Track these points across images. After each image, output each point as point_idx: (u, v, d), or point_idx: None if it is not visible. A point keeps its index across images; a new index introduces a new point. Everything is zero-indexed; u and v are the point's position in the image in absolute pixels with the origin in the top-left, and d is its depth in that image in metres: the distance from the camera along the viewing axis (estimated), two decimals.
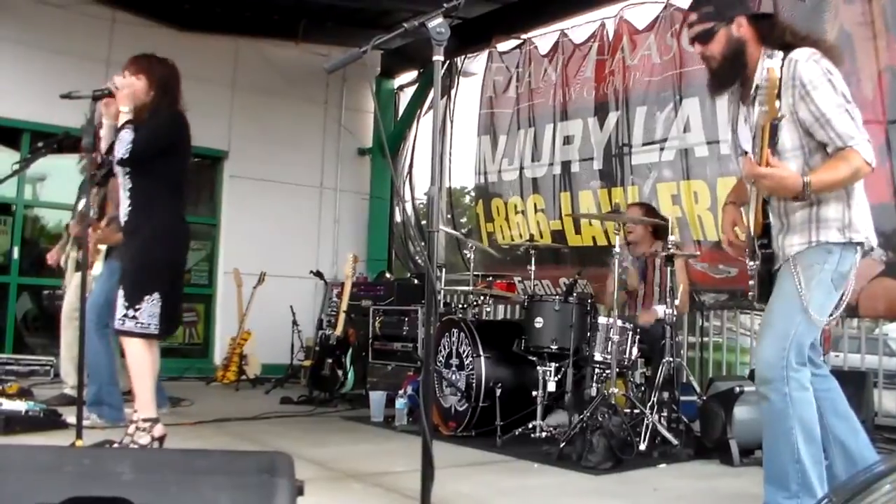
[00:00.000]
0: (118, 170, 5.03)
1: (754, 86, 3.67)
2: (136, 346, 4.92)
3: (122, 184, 5.03)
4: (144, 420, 4.94)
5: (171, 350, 10.75)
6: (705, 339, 8.05)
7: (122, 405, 6.05)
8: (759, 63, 3.64)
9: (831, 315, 3.62)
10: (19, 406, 5.74)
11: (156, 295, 4.91)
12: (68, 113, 5.36)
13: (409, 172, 11.84)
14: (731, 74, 3.75)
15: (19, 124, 9.60)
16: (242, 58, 11.17)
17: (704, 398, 5.94)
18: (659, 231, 6.74)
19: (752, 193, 3.78)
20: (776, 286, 3.69)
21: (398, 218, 12.16)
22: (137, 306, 4.87)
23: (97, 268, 6.36)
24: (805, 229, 3.60)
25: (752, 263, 3.82)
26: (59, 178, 10.11)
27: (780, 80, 3.37)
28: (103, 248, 6.38)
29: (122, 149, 4.88)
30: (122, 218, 5.05)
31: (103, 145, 5.14)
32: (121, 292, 4.94)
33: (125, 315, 4.88)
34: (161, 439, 5.00)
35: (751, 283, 3.86)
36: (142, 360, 4.96)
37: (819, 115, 3.46)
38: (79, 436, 4.50)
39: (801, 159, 3.58)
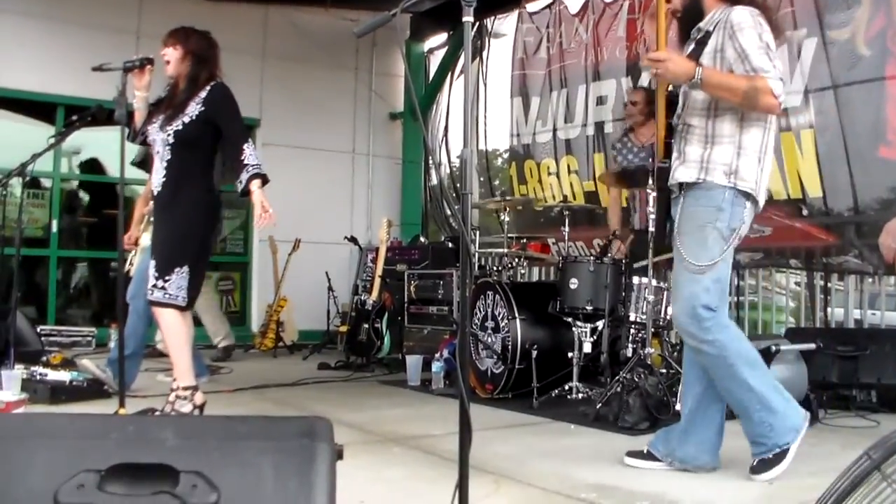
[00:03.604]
0: (156, 139, 5.10)
1: (696, 27, 4.04)
2: (170, 316, 5.00)
3: (161, 154, 5.09)
4: (185, 388, 5.04)
5: None
6: (741, 298, 8.01)
7: (134, 376, 6.14)
8: (710, 15, 3.99)
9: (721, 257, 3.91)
10: (64, 376, 5.83)
11: (185, 267, 5.00)
12: (101, 86, 5.41)
13: (445, 135, 11.81)
14: (690, 26, 4.11)
15: (54, 98, 9.68)
16: (272, 26, 11.18)
17: None
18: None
19: (657, 111, 4.16)
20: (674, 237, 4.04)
21: (434, 180, 12.15)
22: (167, 277, 4.95)
23: (145, 239, 6.42)
24: (696, 166, 3.92)
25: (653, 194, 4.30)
26: (94, 150, 10.19)
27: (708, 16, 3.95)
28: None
29: (259, 166, 5.01)
30: (156, 188, 5.11)
31: (137, 116, 5.21)
32: (152, 262, 5.02)
33: (154, 286, 4.97)
34: (201, 407, 5.09)
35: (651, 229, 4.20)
36: (177, 330, 5.04)
37: (741, 51, 3.78)
38: (122, 404, 4.58)
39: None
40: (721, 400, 4.07)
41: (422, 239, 10.53)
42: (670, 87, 4.14)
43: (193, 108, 5.06)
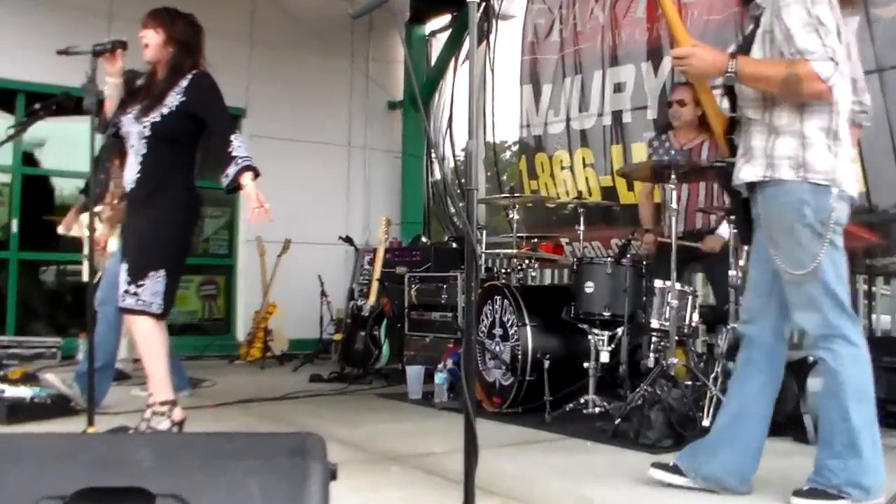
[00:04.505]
0: (130, 131, 5.06)
1: (752, 3, 4.01)
2: (144, 325, 4.96)
3: (135, 148, 5.05)
4: (162, 403, 4.99)
5: (191, 326, 10.89)
6: None
7: (105, 392, 6.09)
8: None
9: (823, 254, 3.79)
10: (24, 392, 5.76)
11: (161, 272, 4.95)
12: (67, 71, 5.38)
13: (449, 126, 11.80)
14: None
15: (13, 85, 9.64)
16: (260, 8, 11.19)
17: None
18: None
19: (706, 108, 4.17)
20: (765, 243, 3.93)
21: (437, 176, 12.13)
22: (140, 283, 4.90)
23: (112, 244, 6.42)
24: (761, 162, 3.85)
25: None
26: (60, 142, 10.13)
27: None
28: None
29: (249, 158, 5.01)
30: (129, 185, 5.07)
31: (109, 105, 5.15)
32: (124, 266, 4.98)
33: (126, 291, 4.92)
34: (181, 423, 5.04)
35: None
36: (151, 339, 4.99)
37: (785, 31, 3.70)
38: (90, 422, 4.53)
39: None
40: (764, 422, 4.01)
41: (423, 239, 10.52)
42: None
43: (173, 99, 5.03)
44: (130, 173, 5.06)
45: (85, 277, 7.32)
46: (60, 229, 7.28)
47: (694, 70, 3.86)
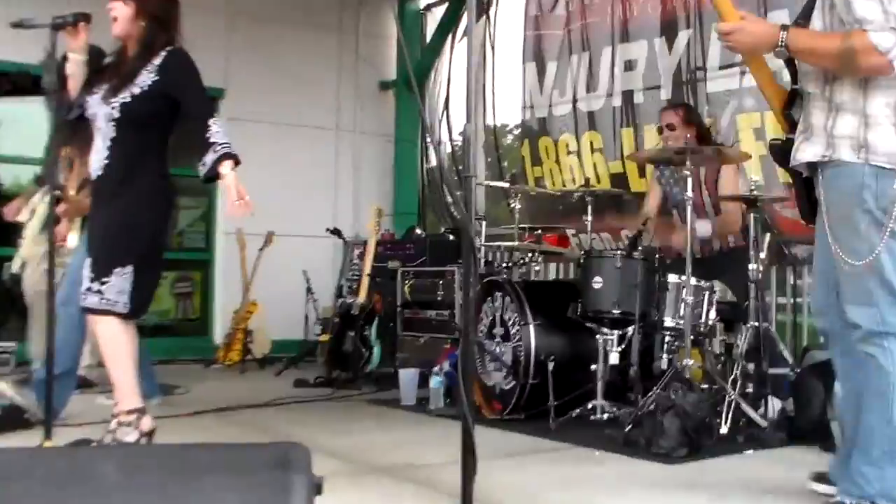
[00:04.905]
0: (97, 113, 5.01)
1: None
2: (109, 326, 4.89)
3: (103, 132, 4.98)
4: (128, 412, 4.91)
5: (163, 328, 10.86)
6: (798, 299, 7.95)
7: (66, 401, 6.03)
8: None
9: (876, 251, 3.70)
10: None
11: (129, 268, 4.86)
12: (24, 46, 5.33)
13: (446, 108, 11.78)
14: None
15: None
16: None
17: (798, 371, 5.89)
18: (703, 137, 6.65)
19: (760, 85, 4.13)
20: (826, 229, 3.84)
21: (432, 162, 12.12)
22: (105, 279, 4.82)
23: (72, 239, 6.38)
24: (821, 141, 3.77)
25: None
26: (16, 125, 10.06)
27: None
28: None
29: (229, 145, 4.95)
30: (96, 171, 5.00)
31: (71, 84, 5.09)
32: (87, 262, 4.92)
33: (89, 289, 4.84)
34: (150, 434, 4.98)
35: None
36: (116, 342, 4.92)
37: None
38: (48, 436, 4.48)
39: None
40: None
41: (418, 231, 10.52)
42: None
43: (145, 78, 4.96)
44: (97, 159, 4.98)
45: (14, 268, 7.27)
46: (7, 215, 7.22)
47: (742, 46, 3.86)
